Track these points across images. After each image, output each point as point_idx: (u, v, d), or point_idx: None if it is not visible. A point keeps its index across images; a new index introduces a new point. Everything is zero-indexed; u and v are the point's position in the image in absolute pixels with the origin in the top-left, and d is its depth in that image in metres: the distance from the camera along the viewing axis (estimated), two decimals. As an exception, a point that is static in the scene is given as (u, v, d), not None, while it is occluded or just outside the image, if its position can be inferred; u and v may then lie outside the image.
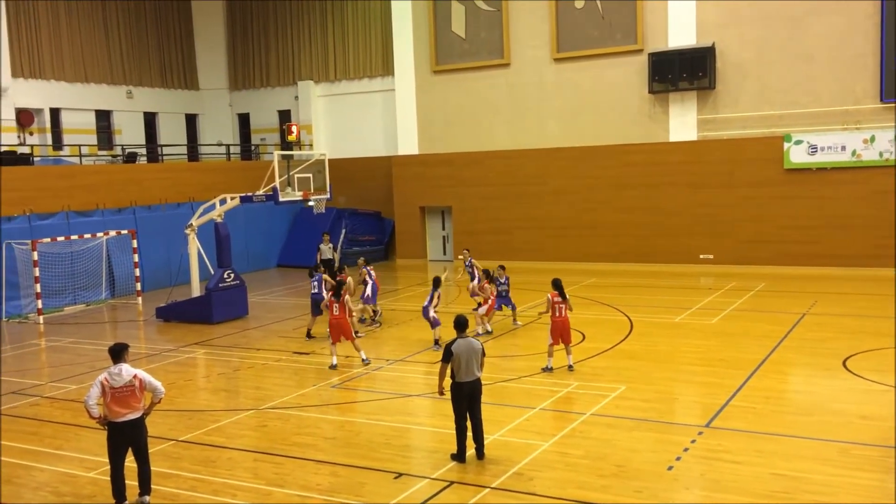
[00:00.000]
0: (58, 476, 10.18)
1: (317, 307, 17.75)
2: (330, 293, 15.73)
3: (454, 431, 9.98)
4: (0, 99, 26.55)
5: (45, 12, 28.47)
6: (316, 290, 18.02)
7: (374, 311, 18.87)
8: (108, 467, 9.12)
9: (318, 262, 23.70)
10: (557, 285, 14.11)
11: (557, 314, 13.95)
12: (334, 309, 15.11)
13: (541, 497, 8.89)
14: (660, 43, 25.84)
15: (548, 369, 13.99)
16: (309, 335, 17.71)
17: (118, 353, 9.10)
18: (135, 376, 9.00)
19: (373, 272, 19.09)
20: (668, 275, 24.59)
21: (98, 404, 8.87)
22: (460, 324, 10.16)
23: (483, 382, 9.59)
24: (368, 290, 18.52)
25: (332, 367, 14.91)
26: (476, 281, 18.27)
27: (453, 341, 10.02)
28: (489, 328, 17.39)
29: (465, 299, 19.67)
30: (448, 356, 9.92)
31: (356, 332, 16.14)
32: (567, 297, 14.11)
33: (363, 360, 15.19)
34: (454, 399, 9.96)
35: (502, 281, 17.74)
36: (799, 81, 24.27)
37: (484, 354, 10.13)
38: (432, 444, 11.04)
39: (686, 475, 9.41)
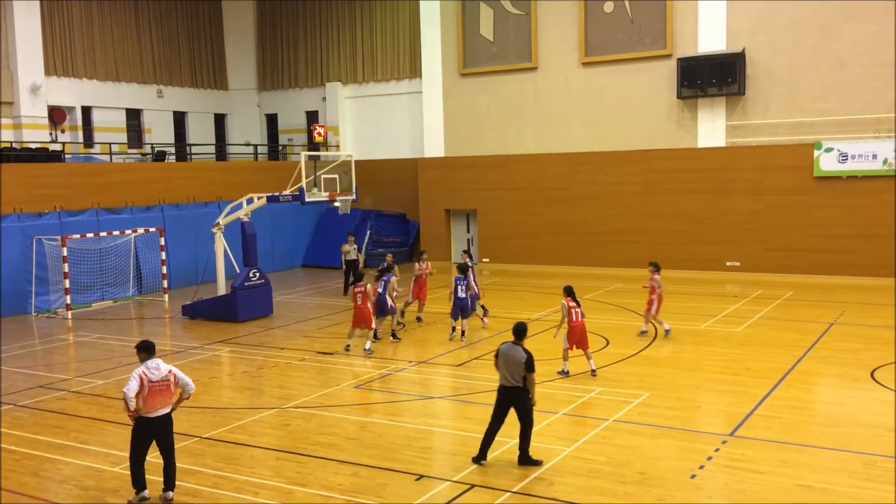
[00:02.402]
0: (83, 470, 10.29)
1: (382, 309, 17.20)
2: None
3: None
4: (34, 96, 26.95)
5: (78, 12, 28.86)
6: (382, 291, 17.18)
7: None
8: (132, 460, 9.17)
9: (343, 262, 23.76)
10: (570, 292, 14.13)
11: (574, 319, 13.92)
12: (358, 298, 16.00)
13: (562, 502, 8.85)
14: (689, 48, 25.67)
15: (564, 373, 13.92)
16: (395, 335, 17.51)
17: (153, 348, 9.24)
18: (170, 371, 9.17)
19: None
20: (694, 281, 24.39)
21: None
22: (515, 330, 10.20)
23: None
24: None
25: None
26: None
27: (503, 343, 10.15)
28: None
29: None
30: (496, 357, 10.12)
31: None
32: (579, 303, 14.10)
33: (366, 348, 16.02)
34: (496, 400, 10.06)
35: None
36: (830, 88, 24.00)
37: (528, 368, 9.81)
38: (454, 446, 11.03)
39: (709, 484, 9.32)
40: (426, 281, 19.31)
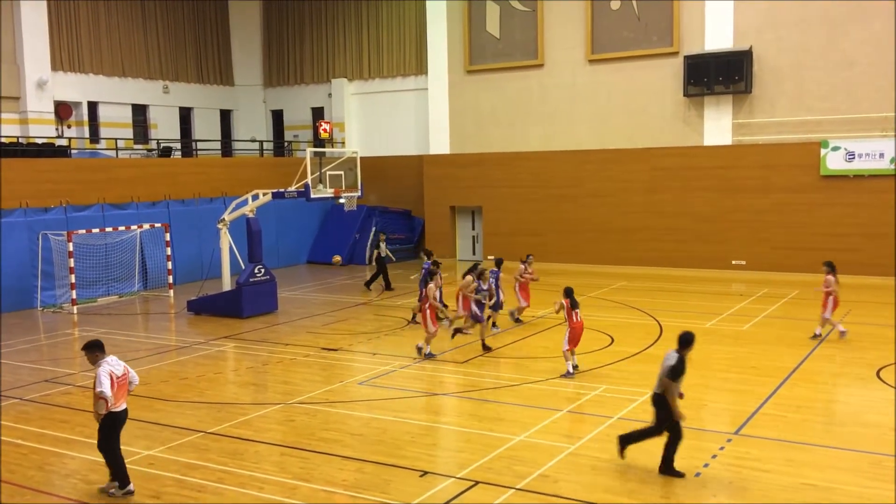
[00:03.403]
0: (87, 464, 10.31)
1: (498, 305, 17.15)
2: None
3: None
4: (40, 91, 27.01)
5: (85, 7, 28.92)
6: (486, 288, 16.63)
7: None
8: (104, 458, 9.28)
9: (373, 260, 23.73)
10: (569, 293, 14.03)
11: (575, 319, 13.90)
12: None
13: (566, 500, 8.84)
14: (696, 46, 25.61)
15: (570, 374, 13.86)
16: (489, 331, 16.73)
17: (103, 345, 9.43)
18: (124, 366, 9.41)
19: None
20: (700, 280, 24.35)
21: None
22: (680, 338, 9.63)
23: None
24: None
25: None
26: None
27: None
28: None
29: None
30: None
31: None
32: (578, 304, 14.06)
33: (418, 346, 15.58)
34: None
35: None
36: (837, 87, 23.93)
37: (668, 372, 9.40)
38: (458, 443, 11.03)
39: (714, 482, 9.31)
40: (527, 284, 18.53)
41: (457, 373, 14.55)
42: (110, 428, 9.18)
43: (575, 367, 13.99)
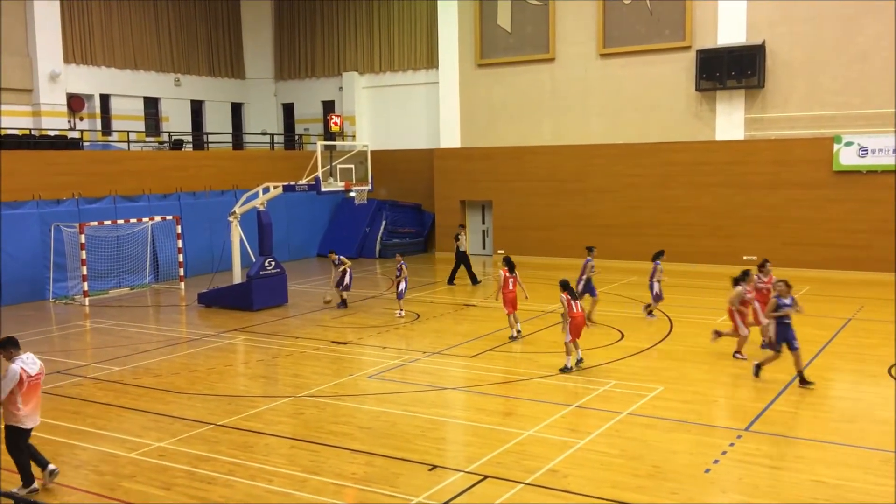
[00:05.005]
0: (99, 455, 10.37)
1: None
2: (505, 269, 16.43)
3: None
4: (53, 84, 27.11)
5: (97, 1, 28.98)
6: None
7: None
8: (18, 457, 9.11)
9: (458, 253, 23.68)
10: (566, 286, 14.00)
11: (575, 310, 13.87)
12: (509, 284, 16.20)
13: (575, 495, 8.84)
14: (709, 40, 25.47)
15: (568, 369, 13.81)
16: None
17: (17, 342, 9.09)
18: (41, 366, 9.17)
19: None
20: (711, 275, 24.23)
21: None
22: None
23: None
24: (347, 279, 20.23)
25: (512, 337, 16.28)
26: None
27: None
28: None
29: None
30: None
31: None
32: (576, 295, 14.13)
33: (517, 333, 16.37)
34: None
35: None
36: (851, 82, 23.75)
37: None
38: (467, 437, 11.04)
39: (723, 479, 9.29)
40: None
41: (466, 367, 14.56)
42: (22, 430, 8.96)
43: (580, 361, 13.98)
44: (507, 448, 10.14)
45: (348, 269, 20.44)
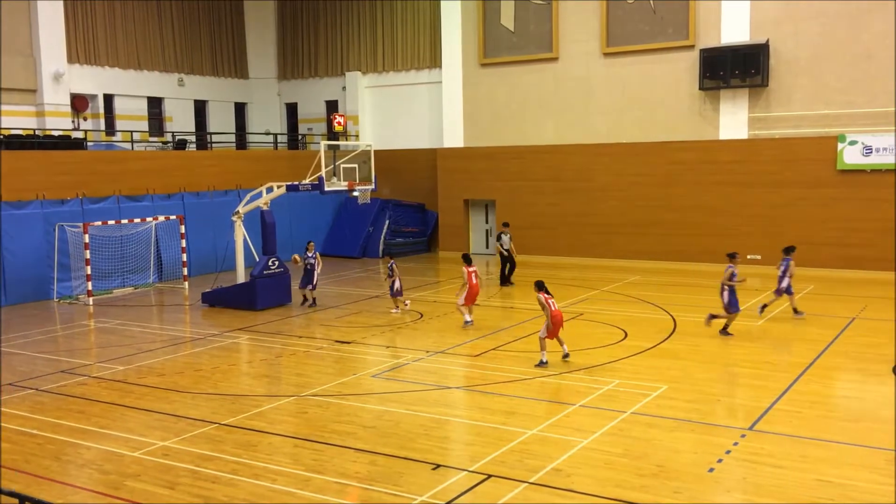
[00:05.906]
0: (103, 454, 10.38)
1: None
2: (466, 265, 17.30)
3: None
4: (56, 84, 27.17)
5: (100, 1, 29.02)
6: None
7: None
8: None
9: (499, 252, 23.56)
10: (542, 286, 14.22)
11: (553, 308, 14.03)
12: (472, 278, 16.97)
13: (578, 494, 8.83)
14: (712, 39, 25.44)
15: (543, 364, 13.97)
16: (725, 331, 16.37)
17: None
18: None
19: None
20: (714, 274, 24.10)
21: None
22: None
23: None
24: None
25: (468, 322, 17.18)
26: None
27: None
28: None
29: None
30: None
31: None
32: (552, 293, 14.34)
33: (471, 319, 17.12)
34: None
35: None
36: (855, 80, 23.70)
37: None
38: (470, 436, 11.04)
39: (727, 478, 9.27)
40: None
41: (469, 366, 14.56)
42: None
43: (566, 356, 14.18)
44: (510, 447, 10.14)
45: (315, 265, 20.48)
